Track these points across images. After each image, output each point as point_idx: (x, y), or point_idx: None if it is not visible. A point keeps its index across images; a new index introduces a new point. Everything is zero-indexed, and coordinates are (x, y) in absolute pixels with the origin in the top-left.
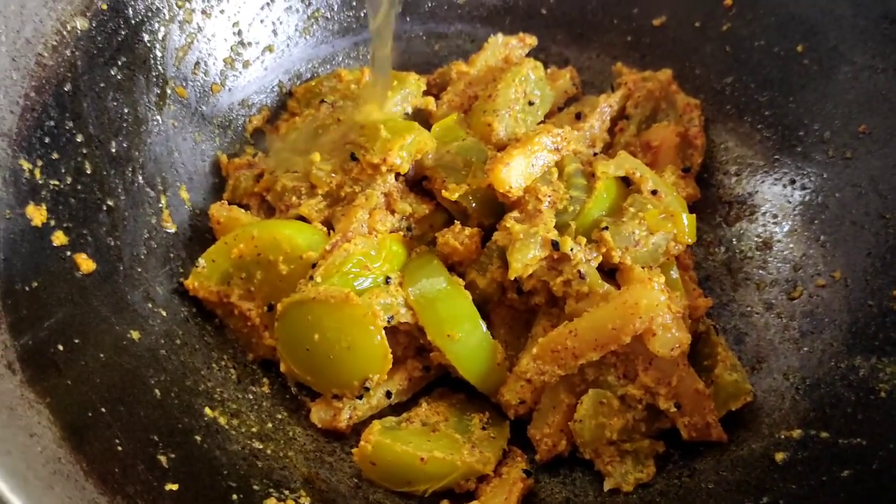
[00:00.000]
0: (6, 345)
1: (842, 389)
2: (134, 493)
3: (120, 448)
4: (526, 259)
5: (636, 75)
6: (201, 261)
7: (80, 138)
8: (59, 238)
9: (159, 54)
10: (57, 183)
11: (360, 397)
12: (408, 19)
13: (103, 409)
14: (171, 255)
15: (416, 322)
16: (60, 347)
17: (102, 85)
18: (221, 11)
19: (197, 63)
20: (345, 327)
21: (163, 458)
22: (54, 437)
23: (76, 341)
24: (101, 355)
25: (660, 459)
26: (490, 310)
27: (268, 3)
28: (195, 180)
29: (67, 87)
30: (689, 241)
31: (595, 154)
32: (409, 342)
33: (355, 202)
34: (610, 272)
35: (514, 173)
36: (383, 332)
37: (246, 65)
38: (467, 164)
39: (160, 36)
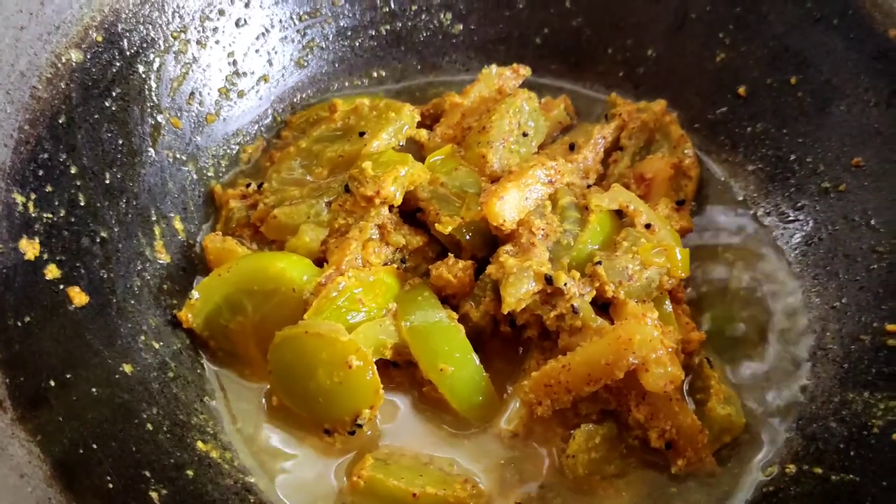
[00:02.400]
0: None
1: (834, 424)
2: None
3: (111, 485)
4: (519, 294)
5: (631, 106)
6: (194, 293)
7: (74, 170)
8: (52, 271)
9: (154, 85)
10: (50, 216)
11: (353, 433)
12: (402, 48)
13: (94, 445)
14: (165, 286)
15: (408, 356)
16: (52, 383)
17: (97, 116)
18: (217, 42)
19: (192, 93)
20: (336, 362)
21: (154, 495)
22: (44, 475)
23: (68, 376)
24: (93, 390)
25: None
26: (483, 342)
27: (263, 33)
28: (189, 211)
29: (62, 120)
30: (683, 274)
31: (589, 186)
32: (403, 376)
33: (349, 234)
34: (603, 306)
35: (507, 207)
36: (374, 366)
37: (241, 95)
38: (461, 196)
39: (155, 67)
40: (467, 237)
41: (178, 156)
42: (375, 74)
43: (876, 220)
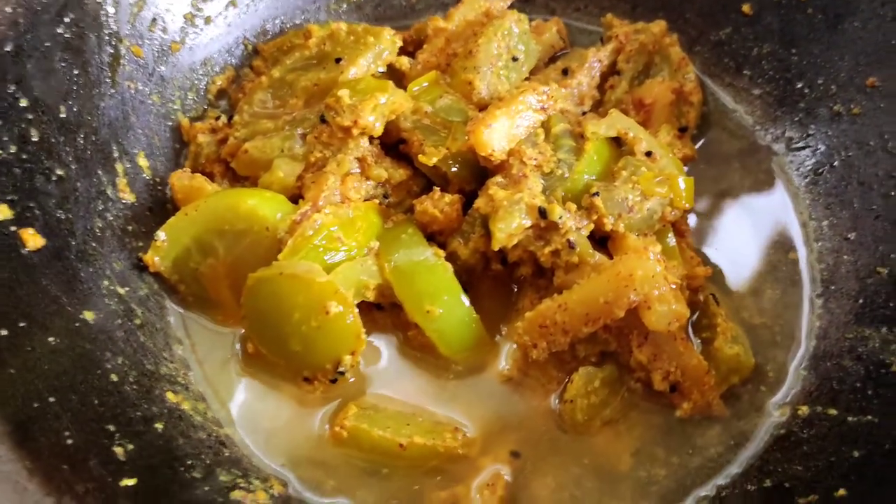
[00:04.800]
0: None
1: (850, 363)
2: (84, 492)
3: (70, 441)
4: (510, 228)
5: (628, 27)
6: (160, 234)
7: (24, 103)
8: (2, 212)
9: (112, 10)
10: None
11: (334, 381)
12: None
13: (51, 399)
14: (130, 227)
15: (392, 298)
16: (4, 332)
17: (48, 44)
18: None
19: (154, 20)
20: (313, 305)
21: (119, 450)
22: None
23: (21, 325)
24: (51, 339)
25: None
26: (473, 282)
27: None
28: (155, 146)
29: (9, 48)
30: (687, 205)
31: (584, 113)
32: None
33: (326, 168)
34: (601, 241)
35: (496, 135)
36: (356, 309)
37: (208, 21)
38: (446, 125)
39: None
40: (454, 169)
41: (140, 87)
42: None
43: (893, 143)
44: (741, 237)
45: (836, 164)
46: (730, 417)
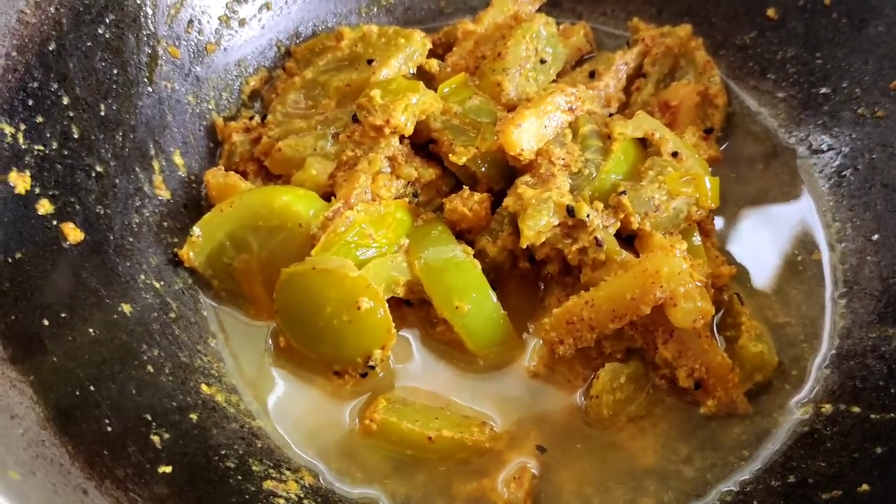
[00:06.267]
0: None
1: (873, 361)
2: (124, 477)
3: (109, 428)
4: (538, 226)
5: (654, 31)
6: (196, 229)
7: (66, 100)
8: (44, 206)
9: (150, 12)
10: (42, 148)
11: (365, 374)
12: None
13: (92, 388)
14: (165, 223)
15: (421, 294)
16: (46, 322)
17: (89, 44)
18: None
19: (190, 21)
20: (345, 300)
21: (156, 439)
22: (38, 418)
23: (63, 316)
24: (90, 330)
25: None
26: (501, 279)
27: None
28: (190, 145)
29: (52, 47)
30: (713, 205)
31: (611, 114)
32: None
33: (357, 167)
34: (628, 239)
35: (525, 135)
36: (386, 305)
37: (242, 23)
38: (476, 125)
39: None
40: (483, 168)
41: (176, 87)
42: (384, 2)
43: None
44: (765, 238)
45: (859, 166)
46: (753, 415)
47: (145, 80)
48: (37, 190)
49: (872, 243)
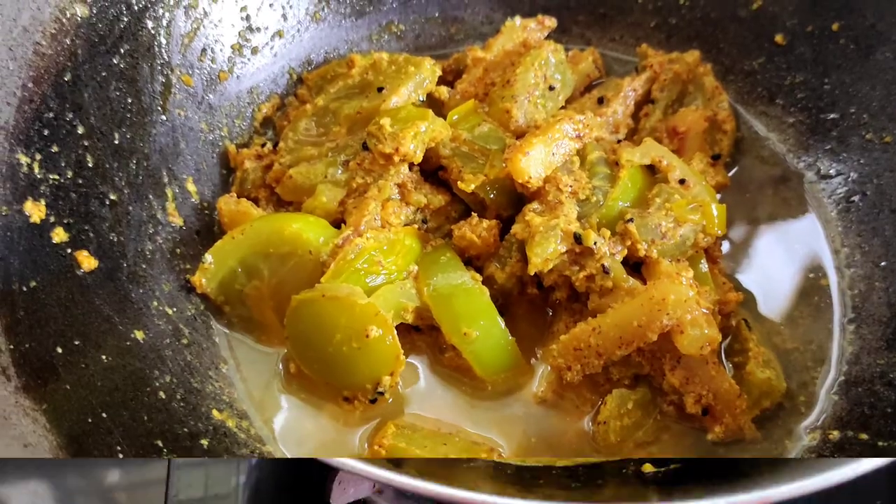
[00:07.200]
0: (1, 349)
1: (881, 388)
2: None
3: (122, 455)
4: (546, 253)
5: (662, 57)
6: (208, 256)
7: (81, 130)
8: (59, 235)
9: (164, 41)
10: (57, 177)
11: (374, 400)
12: (422, 0)
13: (104, 415)
14: (178, 250)
15: (430, 320)
16: (59, 350)
17: (104, 74)
18: None
19: (203, 50)
20: (355, 327)
21: None
22: (51, 446)
23: (76, 343)
24: (103, 357)
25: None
26: (509, 305)
27: None
28: (203, 172)
29: (67, 77)
30: (720, 232)
31: (619, 141)
32: (426, 341)
33: (367, 194)
34: (635, 266)
35: (533, 162)
36: (395, 332)
37: (254, 51)
38: (484, 153)
39: (164, 22)
40: (491, 195)
41: (190, 115)
42: (395, 29)
43: None
44: (773, 263)
45: (868, 191)
46: (761, 441)
47: (159, 108)
48: (52, 219)
49: (881, 269)
